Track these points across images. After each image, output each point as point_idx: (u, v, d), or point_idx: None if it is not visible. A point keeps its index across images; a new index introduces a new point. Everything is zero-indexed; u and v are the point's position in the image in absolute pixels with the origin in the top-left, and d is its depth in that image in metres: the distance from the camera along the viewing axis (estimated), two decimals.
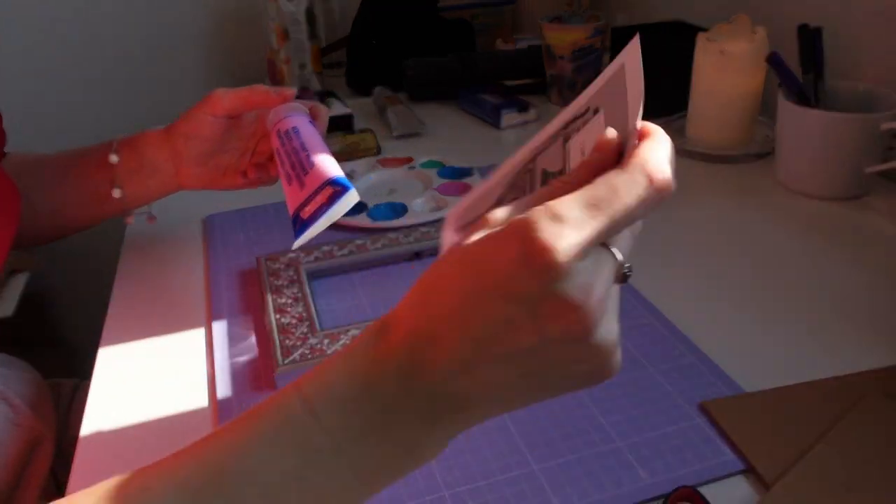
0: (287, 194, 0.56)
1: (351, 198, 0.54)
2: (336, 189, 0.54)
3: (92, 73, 1.52)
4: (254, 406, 0.32)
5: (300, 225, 0.55)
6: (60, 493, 0.71)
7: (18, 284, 1.11)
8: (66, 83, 1.51)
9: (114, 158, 0.66)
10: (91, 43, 1.49)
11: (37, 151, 0.74)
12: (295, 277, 0.65)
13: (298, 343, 0.56)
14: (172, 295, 0.67)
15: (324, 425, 0.30)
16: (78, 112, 1.54)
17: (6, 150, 0.72)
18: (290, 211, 0.56)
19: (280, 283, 0.64)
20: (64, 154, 0.70)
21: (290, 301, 0.62)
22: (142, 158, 0.66)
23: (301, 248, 0.69)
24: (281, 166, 0.58)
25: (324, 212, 0.54)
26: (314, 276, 0.67)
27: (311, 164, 0.55)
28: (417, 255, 0.70)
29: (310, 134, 0.59)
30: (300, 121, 0.61)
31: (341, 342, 0.56)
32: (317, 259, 0.68)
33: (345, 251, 0.69)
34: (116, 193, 0.67)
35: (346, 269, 0.69)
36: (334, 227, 0.76)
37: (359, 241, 0.70)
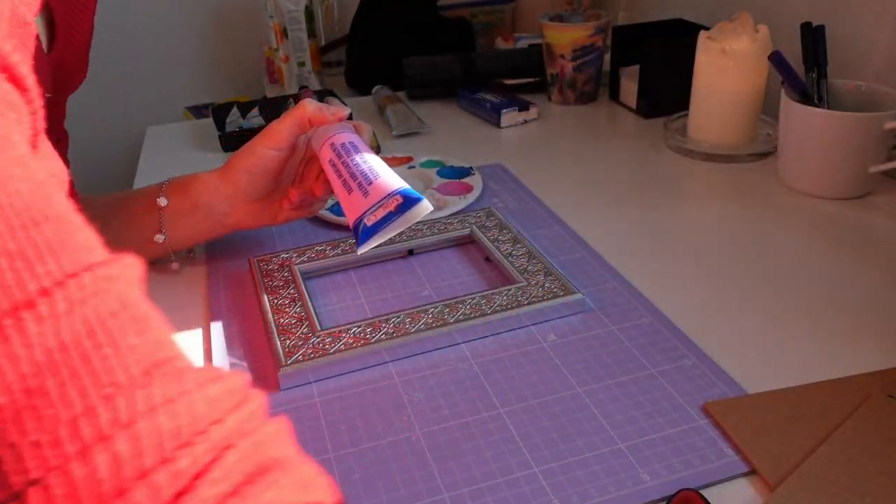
0: (346, 204, 0.57)
1: (423, 208, 0.55)
2: (406, 198, 0.55)
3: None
4: None
5: (364, 231, 0.55)
6: None
7: None
8: None
9: (162, 201, 0.64)
10: None
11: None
12: (290, 278, 0.65)
13: (300, 343, 0.56)
14: (170, 296, 0.67)
15: None
16: (72, 110, 1.53)
17: None
18: (351, 220, 0.56)
19: (275, 283, 0.64)
20: (112, 196, 0.68)
21: (287, 301, 0.61)
22: (196, 201, 0.64)
23: (293, 248, 0.69)
24: (337, 177, 0.58)
25: (392, 219, 0.55)
26: (308, 276, 0.67)
27: (377, 175, 0.56)
28: (410, 252, 0.70)
29: (367, 149, 0.60)
30: (355, 137, 0.61)
31: (343, 340, 0.56)
32: (310, 259, 0.67)
33: (337, 251, 0.68)
34: (159, 239, 0.65)
35: (339, 269, 0.69)
36: (330, 226, 0.76)
37: (351, 240, 0.70)
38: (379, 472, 0.46)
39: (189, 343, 0.60)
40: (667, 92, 0.96)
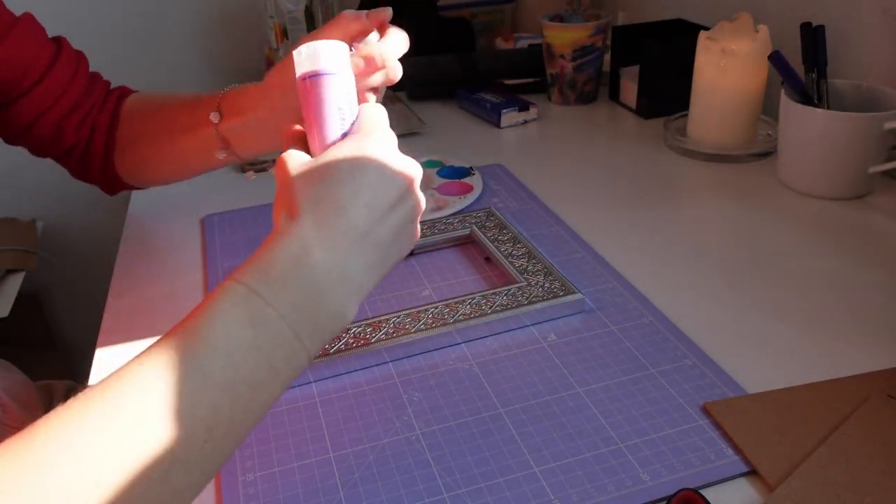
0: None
1: None
2: None
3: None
4: (195, 308, 0.37)
5: None
6: None
7: (14, 285, 1.10)
8: None
9: (215, 117, 0.62)
10: (87, 41, 1.49)
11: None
12: None
13: None
14: (170, 296, 0.67)
15: (267, 300, 0.37)
16: None
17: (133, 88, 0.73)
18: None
19: None
20: (175, 104, 0.67)
21: None
22: (244, 116, 0.62)
23: None
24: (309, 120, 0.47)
25: None
26: None
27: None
28: (410, 252, 0.70)
29: (329, 98, 0.47)
30: (332, 75, 0.47)
31: (343, 341, 0.56)
32: None
33: None
34: (220, 155, 0.64)
35: None
36: None
37: None
38: (379, 472, 0.46)
39: None
40: (667, 92, 0.96)
